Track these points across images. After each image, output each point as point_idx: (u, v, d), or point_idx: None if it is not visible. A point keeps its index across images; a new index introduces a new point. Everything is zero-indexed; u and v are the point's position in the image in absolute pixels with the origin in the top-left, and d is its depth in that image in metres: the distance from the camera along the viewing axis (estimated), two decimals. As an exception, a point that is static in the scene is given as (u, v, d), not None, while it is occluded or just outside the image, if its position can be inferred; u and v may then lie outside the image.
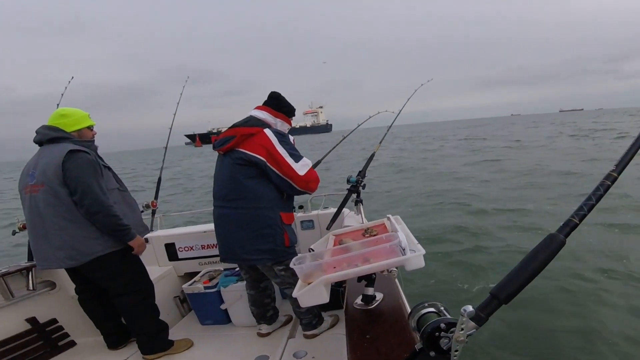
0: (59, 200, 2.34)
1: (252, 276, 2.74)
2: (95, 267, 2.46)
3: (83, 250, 2.39)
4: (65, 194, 2.34)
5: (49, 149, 2.42)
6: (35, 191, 2.38)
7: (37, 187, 2.37)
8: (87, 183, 2.33)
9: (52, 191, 2.34)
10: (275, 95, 2.56)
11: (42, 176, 2.36)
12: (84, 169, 2.35)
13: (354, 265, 1.70)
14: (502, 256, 5.80)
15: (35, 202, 2.37)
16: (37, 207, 2.37)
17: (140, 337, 2.68)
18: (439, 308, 1.01)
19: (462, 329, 0.79)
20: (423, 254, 1.65)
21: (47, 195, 2.35)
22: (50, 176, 2.33)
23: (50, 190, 2.34)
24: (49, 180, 2.34)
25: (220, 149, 2.48)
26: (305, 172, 2.39)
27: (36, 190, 2.37)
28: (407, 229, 2.11)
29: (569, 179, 11.20)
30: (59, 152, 2.36)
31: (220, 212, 2.50)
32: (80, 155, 2.38)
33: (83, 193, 2.32)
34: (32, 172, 2.41)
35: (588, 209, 0.77)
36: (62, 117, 2.52)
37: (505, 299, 0.78)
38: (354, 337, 1.76)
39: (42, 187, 2.36)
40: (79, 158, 2.36)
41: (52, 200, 2.34)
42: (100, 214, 2.36)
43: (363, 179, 3.33)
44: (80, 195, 2.32)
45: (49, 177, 2.34)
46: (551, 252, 0.77)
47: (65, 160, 2.33)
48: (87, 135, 2.59)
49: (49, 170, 2.34)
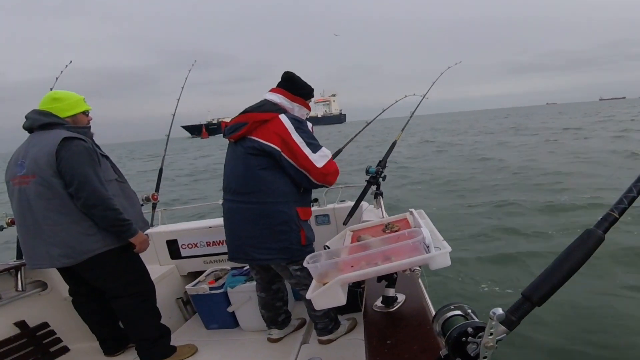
0: (52, 192, 2.34)
1: (264, 277, 2.76)
2: (92, 266, 2.47)
3: (79, 248, 2.39)
4: (59, 186, 2.34)
5: (41, 136, 2.42)
6: (25, 182, 2.37)
7: (27, 177, 2.36)
8: (84, 173, 2.33)
9: (44, 182, 2.33)
10: (290, 75, 2.55)
11: (33, 166, 2.35)
12: (81, 158, 2.35)
13: (374, 264, 1.71)
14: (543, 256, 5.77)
15: (26, 194, 2.37)
16: (28, 200, 2.36)
17: (140, 343, 2.68)
18: (466, 311, 1.01)
19: (492, 333, 0.79)
20: (449, 252, 1.66)
21: (39, 187, 2.34)
22: (43, 166, 2.32)
23: (42, 181, 2.33)
24: (41, 170, 2.33)
25: (231, 136, 2.48)
26: (323, 164, 2.38)
27: (26, 181, 2.36)
28: (431, 224, 2.12)
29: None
30: (52, 139, 2.35)
31: (231, 206, 2.51)
32: (76, 142, 2.37)
33: (80, 184, 2.32)
34: (22, 161, 2.40)
35: (629, 202, 0.77)
36: (54, 101, 2.51)
37: (538, 300, 0.78)
38: (374, 343, 1.78)
39: (34, 178, 2.34)
40: (74, 146, 2.35)
41: (45, 192, 2.34)
42: (98, 208, 2.36)
43: (383, 170, 3.33)
44: (76, 187, 2.32)
45: (41, 167, 2.33)
46: (588, 250, 0.77)
47: (60, 149, 2.32)
48: (83, 121, 2.59)
49: (41, 159, 2.33)
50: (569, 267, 0.78)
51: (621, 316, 4.11)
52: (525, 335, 3.74)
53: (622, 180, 9.95)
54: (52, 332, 3.00)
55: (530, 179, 11.85)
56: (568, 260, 0.78)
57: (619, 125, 28.29)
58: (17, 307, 2.91)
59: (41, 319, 2.99)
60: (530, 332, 3.80)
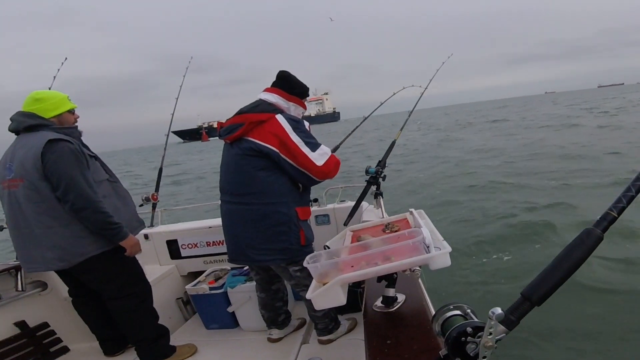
0: (40, 195, 2.32)
1: (263, 278, 2.76)
2: (86, 268, 2.46)
3: (73, 251, 2.38)
4: (47, 189, 2.32)
5: (26, 139, 2.39)
6: (14, 186, 2.35)
7: (16, 181, 2.34)
8: (70, 175, 2.30)
9: (32, 186, 2.31)
10: (285, 74, 2.53)
11: (20, 169, 2.33)
12: (66, 160, 2.31)
13: (374, 264, 1.71)
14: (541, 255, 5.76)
15: (16, 198, 2.35)
16: (18, 204, 2.35)
17: (139, 344, 2.68)
18: (465, 311, 1.01)
19: (491, 333, 0.80)
20: (449, 252, 1.66)
21: (27, 191, 2.32)
22: (29, 169, 2.30)
23: (30, 185, 2.31)
24: (28, 174, 2.31)
25: (226, 137, 2.46)
26: (323, 162, 2.37)
27: (15, 185, 2.34)
28: (431, 224, 2.12)
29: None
30: (37, 142, 2.32)
31: (229, 207, 2.51)
32: (62, 144, 2.33)
33: (66, 187, 2.29)
34: (9, 165, 2.37)
35: (627, 201, 0.77)
36: (37, 101, 2.46)
37: (537, 300, 0.79)
38: (374, 343, 1.78)
39: (22, 182, 2.32)
40: (60, 148, 2.32)
41: (34, 196, 2.32)
42: (87, 210, 2.33)
43: (383, 170, 3.33)
44: (63, 190, 2.29)
45: (28, 171, 2.31)
46: (587, 249, 0.78)
47: (45, 152, 2.29)
48: (69, 121, 2.54)
49: (27, 162, 2.31)
50: (568, 267, 0.78)
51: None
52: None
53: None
54: (52, 332, 3.00)
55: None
56: (567, 259, 0.79)
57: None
58: (17, 307, 2.92)
59: (41, 319, 2.99)
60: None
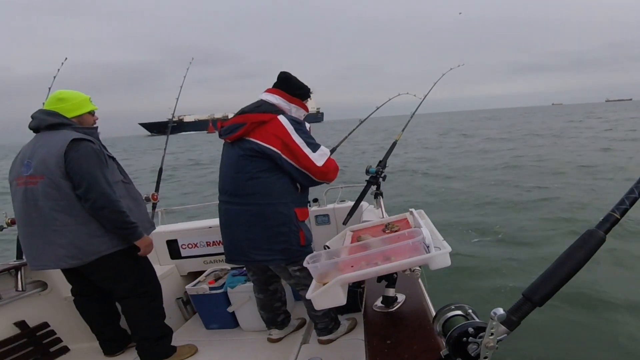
0: (60, 193, 2.34)
1: (260, 278, 2.76)
2: (99, 267, 2.47)
3: (87, 249, 2.39)
4: (67, 187, 2.34)
5: (48, 137, 2.41)
6: (33, 183, 2.36)
7: (35, 178, 2.35)
8: (93, 175, 2.33)
9: (52, 184, 2.32)
10: (286, 76, 2.53)
11: (41, 167, 2.34)
12: (89, 160, 2.35)
13: (374, 264, 1.71)
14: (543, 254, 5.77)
15: (33, 195, 2.36)
16: (35, 201, 2.36)
17: (142, 343, 2.68)
18: (466, 311, 1.01)
19: (492, 333, 0.80)
20: (449, 252, 1.66)
21: (47, 188, 2.33)
22: (52, 167, 2.32)
23: (51, 182, 2.32)
24: (50, 171, 2.32)
25: (227, 137, 2.46)
26: (323, 162, 2.38)
27: (34, 182, 2.35)
28: (431, 224, 2.13)
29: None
30: (60, 140, 2.35)
31: (228, 207, 2.50)
32: (85, 144, 2.37)
33: (89, 186, 2.32)
34: (28, 161, 2.39)
35: (630, 203, 0.77)
36: (60, 101, 2.49)
37: (539, 301, 0.79)
38: (374, 343, 1.78)
39: (42, 179, 2.34)
40: (83, 147, 2.35)
41: (53, 193, 2.33)
42: (106, 210, 2.36)
43: (384, 170, 3.33)
44: (85, 189, 2.32)
45: (49, 168, 2.32)
46: (589, 250, 0.78)
47: (69, 150, 2.32)
48: (89, 122, 2.58)
49: (50, 160, 2.32)
50: (570, 268, 0.78)
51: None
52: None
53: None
54: (52, 332, 2.99)
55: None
56: (569, 260, 0.79)
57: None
58: (17, 307, 2.91)
59: (41, 319, 2.99)
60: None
